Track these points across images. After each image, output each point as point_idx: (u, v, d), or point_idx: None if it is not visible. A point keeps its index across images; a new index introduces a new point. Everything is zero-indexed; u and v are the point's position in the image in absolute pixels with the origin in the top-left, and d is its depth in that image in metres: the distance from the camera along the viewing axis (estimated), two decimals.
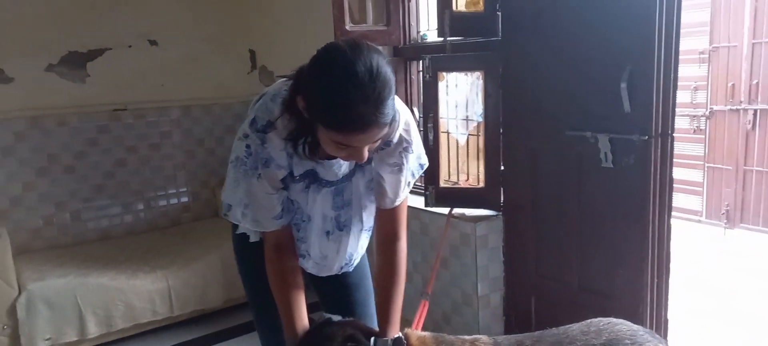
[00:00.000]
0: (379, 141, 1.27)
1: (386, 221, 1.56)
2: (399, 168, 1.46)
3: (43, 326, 2.78)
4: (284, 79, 1.36)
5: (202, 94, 3.90)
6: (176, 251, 3.31)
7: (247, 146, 1.36)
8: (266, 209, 1.44)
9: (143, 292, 2.99)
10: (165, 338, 3.08)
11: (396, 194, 1.50)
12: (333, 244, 1.56)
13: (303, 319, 1.49)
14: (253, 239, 1.61)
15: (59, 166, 3.46)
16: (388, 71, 1.18)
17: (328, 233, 1.54)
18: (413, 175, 1.52)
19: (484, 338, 1.51)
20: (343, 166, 1.45)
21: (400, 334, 1.47)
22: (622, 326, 1.50)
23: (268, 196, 1.41)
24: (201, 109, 3.91)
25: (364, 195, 1.53)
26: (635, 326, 1.51)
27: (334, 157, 1.37)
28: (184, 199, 3.92)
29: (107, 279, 2.95)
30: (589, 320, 1.54)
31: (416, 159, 1.51)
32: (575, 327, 1.52)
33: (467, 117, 2.78)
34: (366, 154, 1.27)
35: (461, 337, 1.51)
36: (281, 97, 1.33)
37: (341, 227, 1.55)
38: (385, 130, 1.23)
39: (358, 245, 1.63)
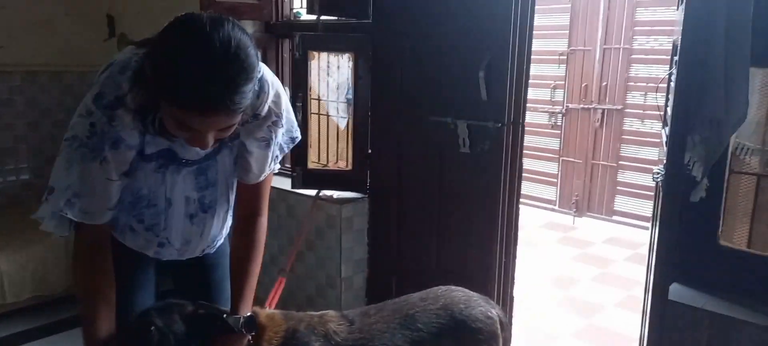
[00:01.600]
0: (228, 130, 1.17)
1: (248, 196, 1.47)
2: (267, 143, 1.38)
3: None
4: (133, 46, 1.22)
5: (51, 60, 3.52)
6: (12, 232, 2.95)
7: (92, 125, 1.20)
8: (101, 199, 1.27)
9: None
10: None
11: (262, 170, 1.42)
12: (197, 228, 1.45)
13: (111, 329, 1.32)
14: (56, 232, 1.32)
15: None
16: (249, 56, 1.08)
17: (192, 216, 1.43)
18: (282, 149, 1.45)
19: (331, 312, 1.52)
20: None
21: (251, 313, 1.42)
22: (458, 292, 1.61)
23: (108, 183, 1.26)
24: (49, 77, 3.53)
25: (231, 173, 1.43)
26: (471, 293, 1.63)
27: None
28: (25, 176, 3.52)
29: None
30: (429, 289, 1.63)
31: (286, 133, 1.43)
32: (415, 295, 1.61)
33: (347, 99, 2.76)
34: (210, 142, 1.16)
35: (309, 313, 1.51)
36: (131, 69, 1.19)
37: (206, 209, 1.44)
38: (235, 120, 1.14)
39: (224, 226, 1.54)
